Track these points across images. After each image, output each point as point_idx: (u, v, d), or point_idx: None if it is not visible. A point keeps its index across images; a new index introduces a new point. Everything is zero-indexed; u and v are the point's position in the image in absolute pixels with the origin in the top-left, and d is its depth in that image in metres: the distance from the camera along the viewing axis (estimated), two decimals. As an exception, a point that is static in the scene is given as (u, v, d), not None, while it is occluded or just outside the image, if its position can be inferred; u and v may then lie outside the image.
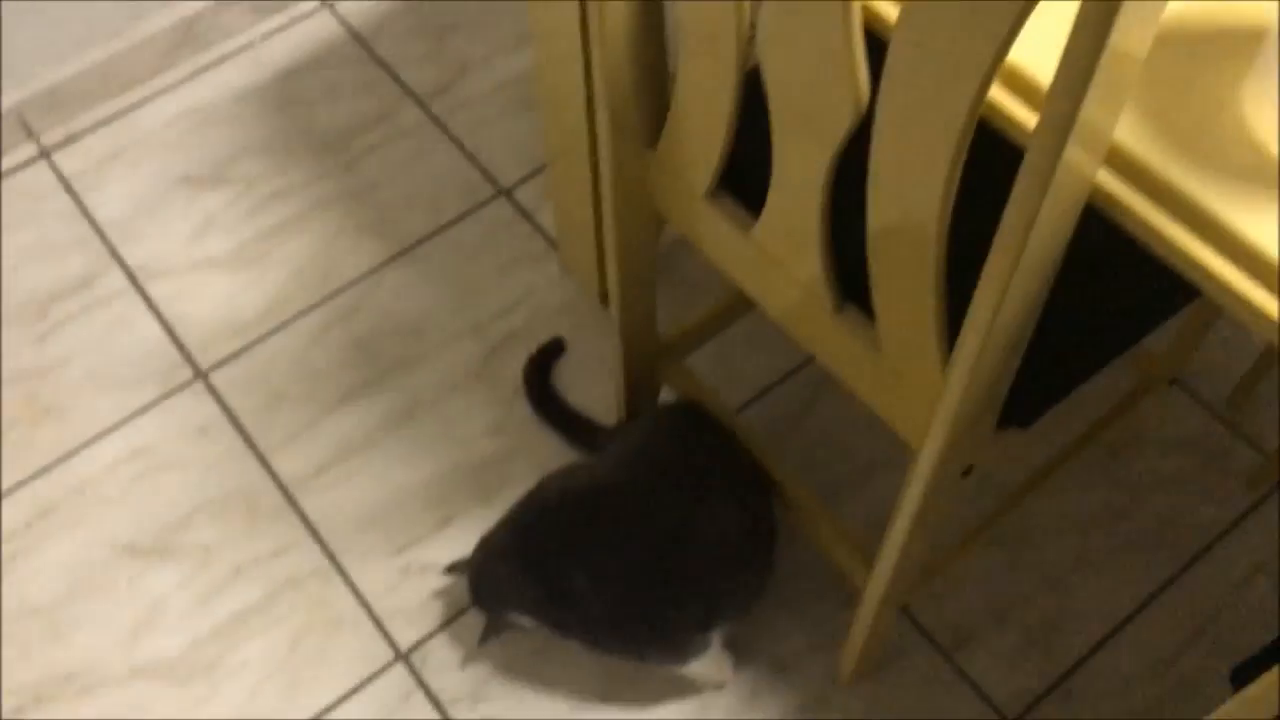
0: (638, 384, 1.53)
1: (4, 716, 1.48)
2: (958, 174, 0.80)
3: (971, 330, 0.88)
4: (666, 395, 1.56)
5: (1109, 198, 0.79)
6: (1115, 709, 1.45)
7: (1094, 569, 1.54)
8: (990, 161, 1.05)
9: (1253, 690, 0.84)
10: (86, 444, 1.69)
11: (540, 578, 1.34)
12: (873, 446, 1.63)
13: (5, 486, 1.65)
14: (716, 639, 1.38)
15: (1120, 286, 1.09)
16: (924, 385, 0.97)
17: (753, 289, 1.13)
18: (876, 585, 1.23)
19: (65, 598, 1.57)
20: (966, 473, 1.04)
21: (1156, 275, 1.09)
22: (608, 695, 1.47)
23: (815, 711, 1.46)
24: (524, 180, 1.90)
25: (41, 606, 1.56)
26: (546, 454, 1.66)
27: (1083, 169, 0.74)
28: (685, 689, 1.47)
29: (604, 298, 1.77)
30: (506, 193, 1.89)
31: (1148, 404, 1.41)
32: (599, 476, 1.40)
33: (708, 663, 1.39)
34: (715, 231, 1.12)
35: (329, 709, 1.48)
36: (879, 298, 0.96)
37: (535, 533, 1.37)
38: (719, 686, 1.46)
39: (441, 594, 1.55)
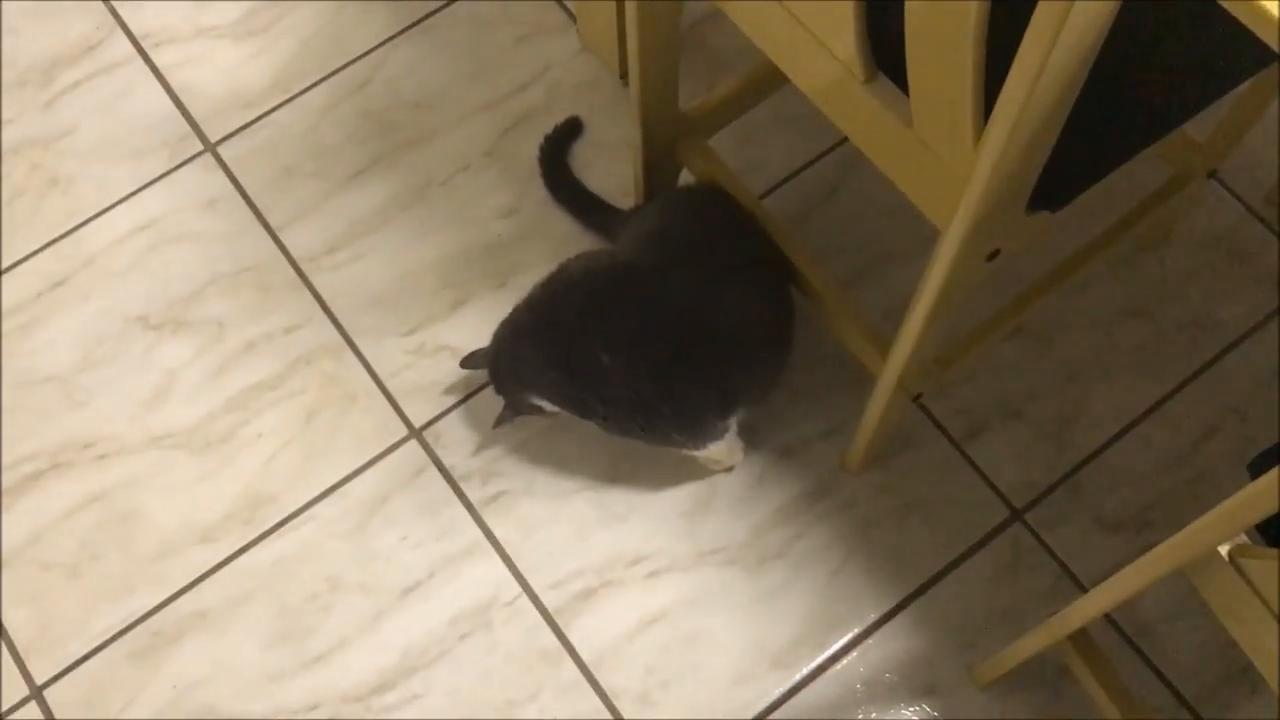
0: (657, 165, 1.48)
1: (22, 479, 1.50)
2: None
3: (1007, 104, 0.83)
4: (686, 179, 1.51)
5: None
6: (1123, 503, 1.45)
7: (1112, 366, 1.52)
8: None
9: (1260, 483, 0.83)
10: (95, 216, 1.67)
11: (560, 358, 1.33)
12: (894, 236, 1.60)
13: (15, 258, 1.64)
14: (733, 423, 1.38)
15: (1168, 63, 1.03)
16: (954, 162, 0.93)
17: (783, 60, 1.07)
18: (891, 371, 1.22)
19: (79, 367, 1.57)
20: (992, 256, 1.00)
21: (1210, 48, 1.02)
22: (616, 477, 1.49)
23: (822, 496, 1.47)
24: (542, -51, 1.80)
25: (56, 375, 1.57)
26: (561, 237, 1.62)
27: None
28: (694, 471, 1.48)
29: (625, 75, 1.71)
30: (523, -38, 1.79)
31: (1182, 197, 1.36)
32: (620, 258, 1.38)
33: (723, 446, 1.39)
34: (742, -4, 1.06)
35: (343, 482, 1.50)
36: (914, 68, 0.90)
37: (557, 313, 1.35)
38: (728, 470, 1.47)
39: (454, 375, 1.55)
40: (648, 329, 1.30)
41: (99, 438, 1.53)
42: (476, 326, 1.58)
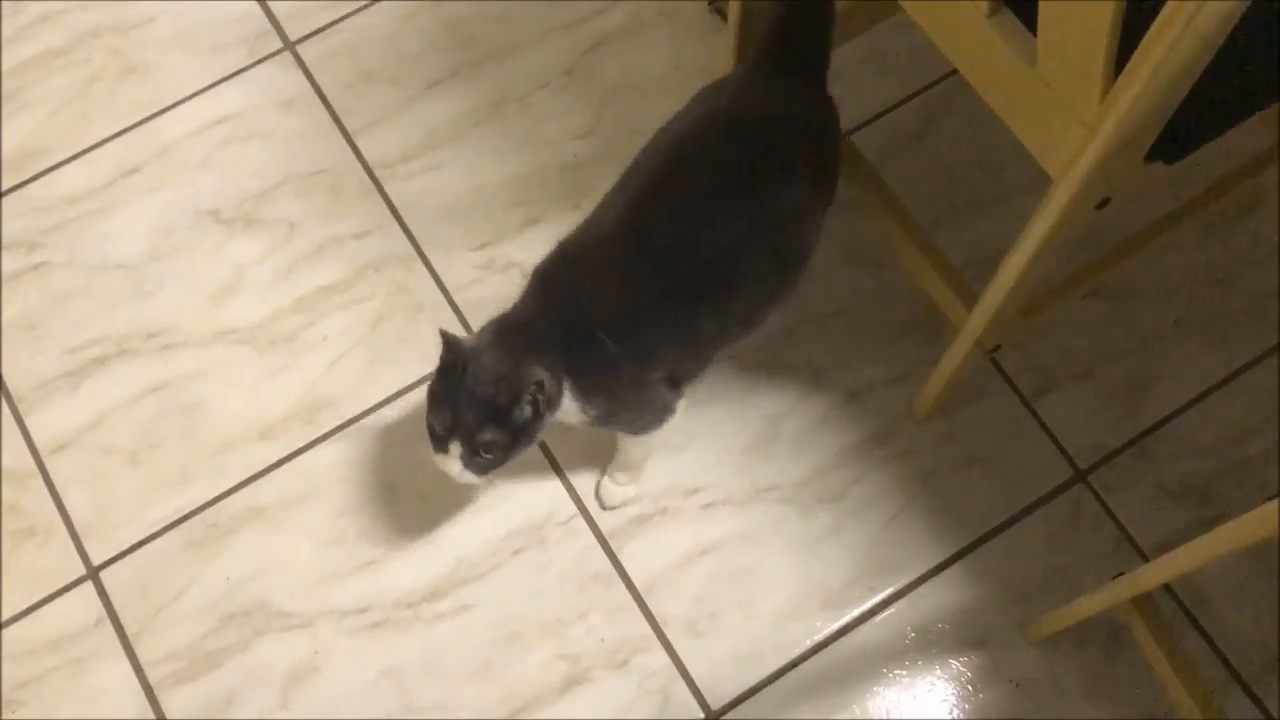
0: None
1: (87, 363, 1.51)
2: None
3: (1144, 59, 0.80)
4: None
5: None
6: (1189, 473, 1.44)
7: (1190, 333, 1.50)
8: None
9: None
10: (171, 106, 1.66)
11: (568, 364, 1.21)
12: (977, 186, 1.57)
13: (90, 142, 1.63)
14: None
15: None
16: (1078, 105, 0.90)
17: (897, -12, 1.04)
18: (977, 320, 1.20)
19: (149, 257, 1.57)
20: (1102, 205, 0.98)
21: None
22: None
23: (884, 442, 1.46)
24: None
25: (125, 263, 1.57)
26: (637, 162, 1.60)
27: None
28: (757, 408, 1.47)
29: (713, 2, 1.67)
30: (617, -121, 1.76)
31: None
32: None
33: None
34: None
35: (406, 390, 1.50)
36: (1047, 6, 0.88)
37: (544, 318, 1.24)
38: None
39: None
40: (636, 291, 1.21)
41: (165, 328, 1.53)
42: (546, 246, 1.56)
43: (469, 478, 1.18)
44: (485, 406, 1.14)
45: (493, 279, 1.55)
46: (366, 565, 1.42)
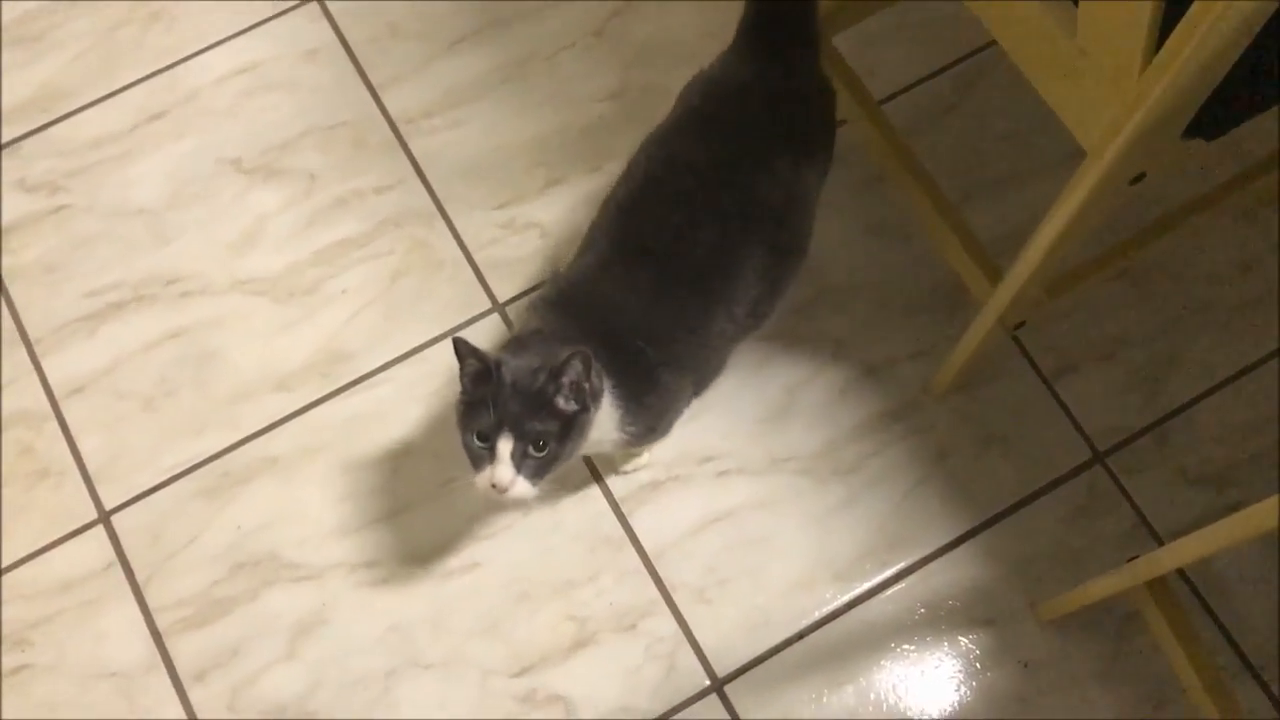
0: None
1: (105, 307, 1.51)
2: None
3: (1188, 33, 0.79)
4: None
5: None
6: (1209, 459, 1.42)
7: (1214, 319, 1.48)
8: None
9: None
10: (196, 54, 1.65)
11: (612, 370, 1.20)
12: (1007, 162, 1.55)
13: (114, 87, 1.62)
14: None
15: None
16: (1117, 78, 0.89)
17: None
18: (1002, 295, 1.19)
19: (169, 204, 1.57)
20: (1136, 180, 0.97)
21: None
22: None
23: (902, 417, 1.45)
24: None
25: (146, 209, 1.56)
26: (663, 126, 1.59)
27: None
28: (775, 378, 1.47)
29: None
30: None
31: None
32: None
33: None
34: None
35: (423, 347, 1.49)
36: (1088, -28, 0.86)
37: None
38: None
39: (540, 254, 1.53)
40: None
41: (183, 275, 1.53)
42: (567, 208, 1.56)
43: (522, 487, 1.09)
44: (532, 396, 1.07)
45: (513, 239, 1.54)
46: (377, 520, 1.42)
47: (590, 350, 1.08)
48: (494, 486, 1.09)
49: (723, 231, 1.18)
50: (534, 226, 1.55)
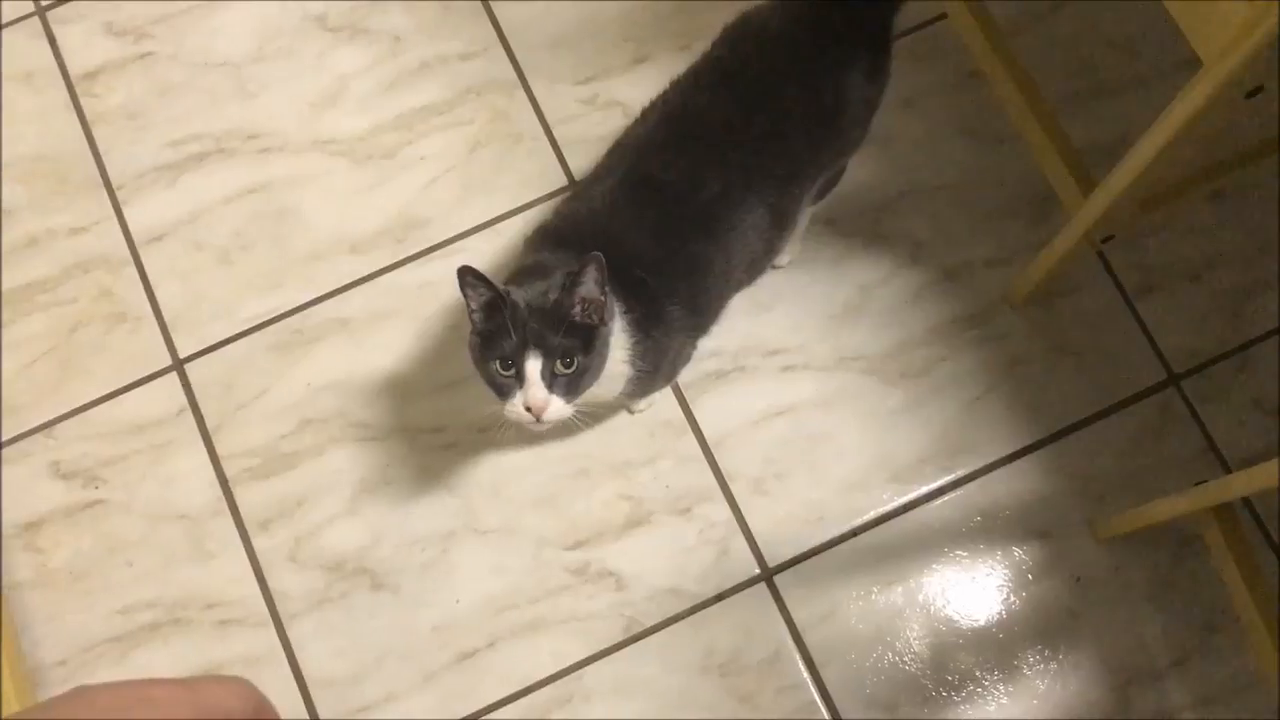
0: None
1: (185, 158, 1.51)
2: None
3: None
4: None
5: None
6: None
7: (1309, 247, 1.44)
8: None
9: None
10: (285, -96, 1.62)
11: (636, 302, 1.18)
12: (1110, 69, 1.50)
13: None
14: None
15: None
16: (1247, -19, 0.84)
17: None
18: (1095, 205, 1.16)
19: (253, 58, 1.56)
20: (1253, 94, 0.93)
21: None
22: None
23: (976, 324, 1.43)
24: None
25: (230, 61, 1.56)
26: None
27: None
28: (848, 276, 1.45)
29: None
30: None
31: None
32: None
33: None
34: None
35: (498, 219, 1.49)
36: None
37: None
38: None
39: (621, 133, 1.51)
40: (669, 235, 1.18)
41: (264, 131, 1.53)
42: (653, 87, 1.52)
43: (558, 405, 1.08)
44: (549, 313, 1.06)
45: (594, 115, 1.52)
46: (444, 387, 1.43)
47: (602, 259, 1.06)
48: (528, 409, 1.08)
49: (726, 184, 1.15)
50: (617, 105, 1.53)
